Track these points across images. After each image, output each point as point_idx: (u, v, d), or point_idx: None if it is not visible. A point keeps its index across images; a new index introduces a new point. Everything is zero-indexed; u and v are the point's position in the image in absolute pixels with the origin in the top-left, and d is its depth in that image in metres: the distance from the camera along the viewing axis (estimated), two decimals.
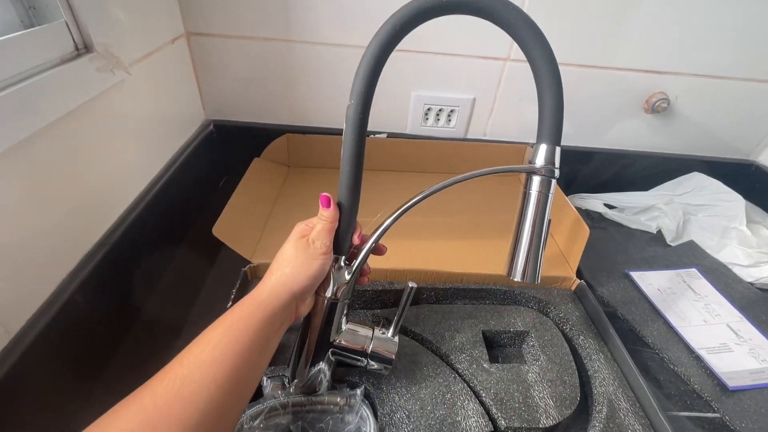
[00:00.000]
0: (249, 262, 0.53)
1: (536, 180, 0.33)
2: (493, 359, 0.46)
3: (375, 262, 0.53)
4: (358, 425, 0.39)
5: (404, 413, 0.39)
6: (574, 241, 0.56)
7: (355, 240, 0.37)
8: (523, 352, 0.50)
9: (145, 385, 0.26)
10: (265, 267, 0.54)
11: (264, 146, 0.72)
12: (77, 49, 0.42)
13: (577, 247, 0.55)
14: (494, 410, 0.40)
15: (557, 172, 0.33)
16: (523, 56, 0.66)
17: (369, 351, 0.38)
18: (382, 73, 0.33)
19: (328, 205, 0.35)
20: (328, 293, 0.36)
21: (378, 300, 0.53)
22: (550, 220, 0.35)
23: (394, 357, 0.39)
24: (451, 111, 0.73)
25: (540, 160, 0.33)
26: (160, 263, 0.55)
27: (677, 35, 0.65)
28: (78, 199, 0.42)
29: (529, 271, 0.34)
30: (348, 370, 0.43)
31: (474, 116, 0.74)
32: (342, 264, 0.37)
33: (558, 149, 0.33)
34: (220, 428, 0.26)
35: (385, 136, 0.74)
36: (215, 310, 0.49)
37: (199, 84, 0.69)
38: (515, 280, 0.35)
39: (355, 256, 0.37)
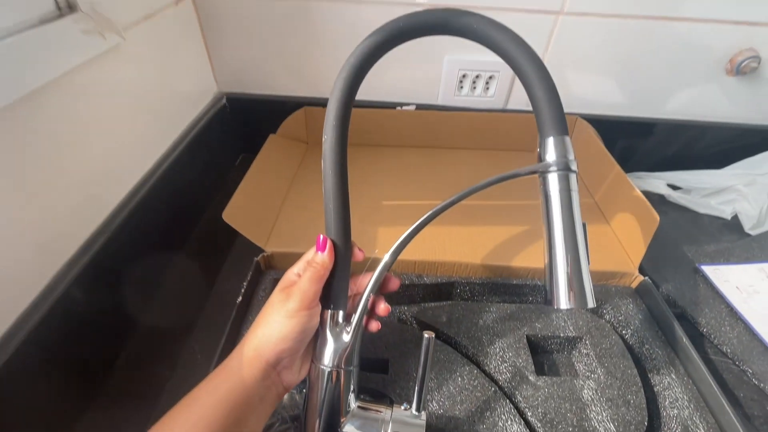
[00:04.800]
0: (263, 251, 0.48)
1: (553, 178, 0.27)
2: (539, 370, 0.40)
3: (401, 254, 0.47)
4: None
5: None
6: (638, 230, 0.48)
7: (357, 254, 0.31)
8: (573, 361, 0.43)
9: None
10: (280, 256, 0.49)
11: (281, 121, 0.65)
12: (59, 8, 0.36)
13: (641, 238, 0.47)
14: None
15: (574, 164, 0.27)
16: (578, 10, 0.56)
17: None
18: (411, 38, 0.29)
19: (324, 249, 0.29)
20: (326, 361, 0.29)
21: (405, 295, 0.47)
22: (584, 224, 0.27)
23: None
24: (490, 77, 0.63)
25: (552, 156, 0.27)
26: (167, 254, 0.51)
27: None
28: (70, 184, 0.37)
29: (575, 293, 0.26)
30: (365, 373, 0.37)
31: (516, 83, 0.64)
32: (340, 320, 0.30)
33: (568, 138, 0.28)
34: None
35: (413, 108, 0.66)
36: (229, 305, 0.46)
37: (209, 52, 0.63)
38: (561, 308, 0.27)
39: (356, 306, 0.30)
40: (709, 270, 0.52)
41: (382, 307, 0.31)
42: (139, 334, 0.44)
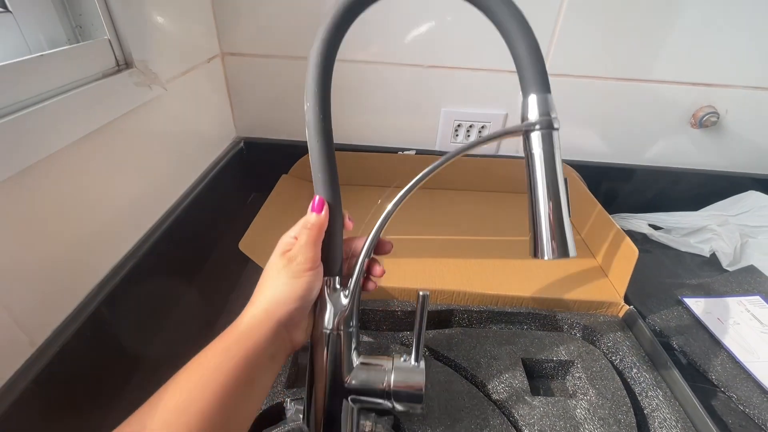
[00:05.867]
0: None
1: (536, 137, 0.28)
2: (534, 391, 0.42)
3: (404, 281, 0.51)
4: None
5: None
6: (621, 262, 0.52)
7: (347, 224, 0.32)
8: (567, 385, 0.45)
9: None
10: None
11: (292, 163, 0.72)
12: (118, 64, 0.43)
13: (624, 270, 0.51)
14: None
15: (556, 122, 0.28)
16: (557, 71, 0.65)
17: (391, 388, 0.31)
18: (410, 88, 0.31)
19: (320, 210, 0.30)
20: (327, 324, 0.30)
21: (407, 322, 0.50)
22: (566, 179, 0.29)
23: (423, 391, 0.31)
24: (482, 127, 0.71)
25: (534, 114, 0.27)
26: (186, 277, 0.55)
27: (727, 44, 0.62)
28: (110, 209, 0.42)
29: (557, 244, 0.28)
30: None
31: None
32: (337, 286, 0.31)
33: (550, 96, 0.28)
34: None
35: (413, 152, 0.73)
36: None
37: (231, 102, 0.71)
38: (547, 258, 0.28)
39: (352, 269, 0.31)
40: (691, 302, 0.56)
41: (378, 269, 0.33)
42: (154, 350, 0.46)
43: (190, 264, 0.57)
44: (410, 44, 0.63)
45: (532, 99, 0.28)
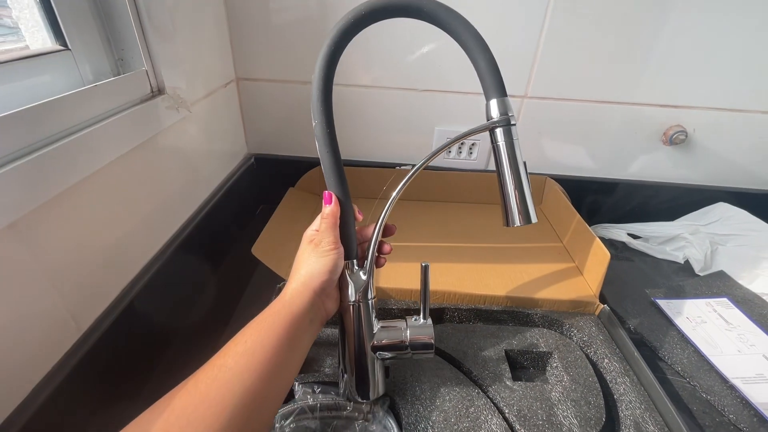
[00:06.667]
0: (283, 280, 0.57)
1: (499, 132, 0.36)
2: (516, 378, 0.47)
3: (399, 282, 0.56)
4: None
5: (428, 424, 0.40)
6: (595, 265, 0.57)
7: (357, 216, 0.40)
8: (546, 374, 0.50)
9: (193, 374, 0.29)
10: None
11: (299, 177, 0.78)
12: (152, 91, 0.50)
13: (598, 271, 0.56)
14: (517, 426, 0.41)
15: (513, 119, 0.35)
16: (539, 94, 0.72)
17: (408, 342, 0.39)
18: (407, 109, 0.37)
19: (330, 201, 0.38)
20: (352, 297, 0.38)
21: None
22: (525, 162, 0.36)
23: (433, 341, 0.40)
24: (473, 144, 0.77)
25: (495, 114, 0.35)
26: (202, 279, 0.61)
27: (692, 69, 0.68)
28: (141, 217, 0.48)
29: (522, 213, 0.36)
30: None
31: None
32: (355, 269, 0.39)
33: (507, 99, 0.35)
34: (257, 416, 0.29)
35: (410, 167, 0.79)
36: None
37: (244, 122, 0.78)
38: (515, 225, 0.36)
39: (366, 251, 0.40)
40: (663, 303, 0.61)
41: (387, 248, 0.41)
42: (172, 349, 0.51)
43: (208, 264, 0.62)
44: (406, 70, 0.70)
45: (494, 102, 0.36)
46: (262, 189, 0.81)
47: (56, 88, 0.40)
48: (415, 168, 0.39)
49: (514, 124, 0.36)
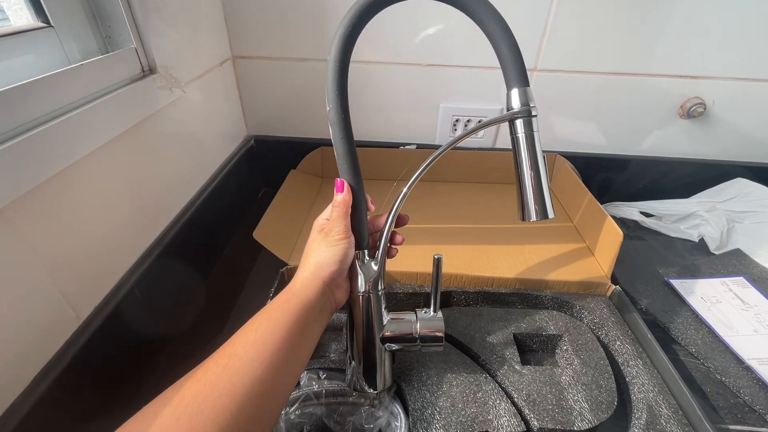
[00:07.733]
0: (286, 264, 0.56)
1: (519, 123, 0.34)
2: (524, 362, 0.46)
3: (405, 266, 0.55)
4: (389, 420, 0.40)
5: (435, 409, 0.39)
6: (607, 245, 0.55)
7: (370, 207, 0.38)
8: (556, 357, 0.49)
9: (203, 362, 0.29)
10: None
11: (300, 159, 0.76)
12: (143, 71, 0.47)
13: (610, 252, 0.54)
14: (526, 411, 0.40)
15: (534, 110, 0.34)
16: (549, 67, 0.68)
17: (418, 335, 0.39)
18: (410, 87, 0.35)
19: (342, 189, 0.36)
20: (361, 288, 0.37)
21: (409, 303, 0.54)
22: (544, 155, 0.35)
23: (443, 334, 0.39)
24: (479, 121, 0.74)
25: (516, 104, 0.34)
26: (205, 265, 0.60)
27: (712, 38, 0.64)
28: (138, 203, 0.47)
29: (539, 208, 0.35)
30: None
31: (502, 126, 0.75)
32: (366, 259, 0.38)
33: (529, 89, 0.34)
34: (267, 405, 0.28)
35: (414, 147, 0.77)
36: (253, 308, 0.53)
37: (242, 102, 0.75)
38: (531, 220, 0.35)
39: (378, 241, 0.38)
40: (676, 283, 0.59)
41: (399, 238, 0.40)
42: (176, 336, 0.51)
43: (209, 249, 0.61)
44: (409, 45, 0.67)
45: (515, 92, 0.34)
46: (262, 171, 0.79)
47: (40, 68, 0.38)
48: (433, 156, 0.39)
49: (536, 116, 0.34)
